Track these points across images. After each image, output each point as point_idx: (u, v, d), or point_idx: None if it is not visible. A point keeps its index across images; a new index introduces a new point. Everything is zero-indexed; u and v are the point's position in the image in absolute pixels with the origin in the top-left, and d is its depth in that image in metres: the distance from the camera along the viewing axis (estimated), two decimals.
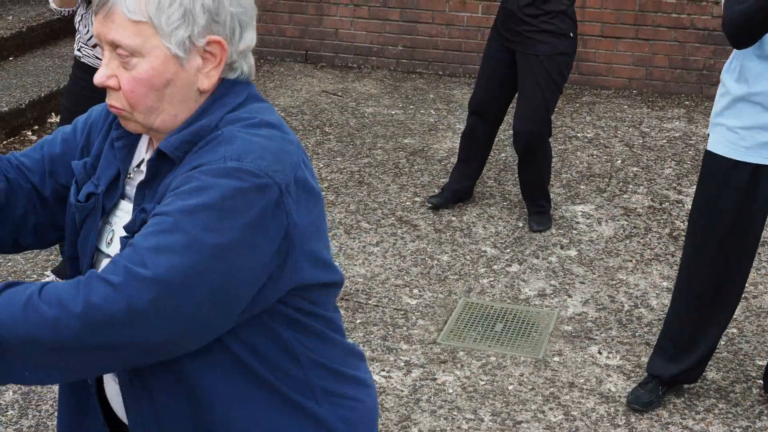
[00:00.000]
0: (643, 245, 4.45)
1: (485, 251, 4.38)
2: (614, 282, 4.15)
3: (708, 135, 3.17)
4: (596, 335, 3.77)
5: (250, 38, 1.53)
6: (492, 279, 4.17)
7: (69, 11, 3.63)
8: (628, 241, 4.48)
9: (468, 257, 4.33)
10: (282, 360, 1.53)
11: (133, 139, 1.60)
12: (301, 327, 1.54)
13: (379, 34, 6.78)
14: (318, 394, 1.57)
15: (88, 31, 3.64)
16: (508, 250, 4.39)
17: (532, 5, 4.31)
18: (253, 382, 1.51)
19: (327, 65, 6.86)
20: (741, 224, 3.10)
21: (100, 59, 3.63)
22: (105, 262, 1.57)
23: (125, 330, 1.33)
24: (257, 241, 1.41)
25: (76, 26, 3.71)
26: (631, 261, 4.32)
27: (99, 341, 1.34)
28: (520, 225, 4.61)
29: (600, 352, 3.66)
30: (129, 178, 1.58)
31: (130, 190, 1.58)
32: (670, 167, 5.26)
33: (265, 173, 1.42)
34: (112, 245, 1.57)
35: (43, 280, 3.95)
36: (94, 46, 3.65)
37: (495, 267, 4.25)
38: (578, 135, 5.67)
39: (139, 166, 1.58)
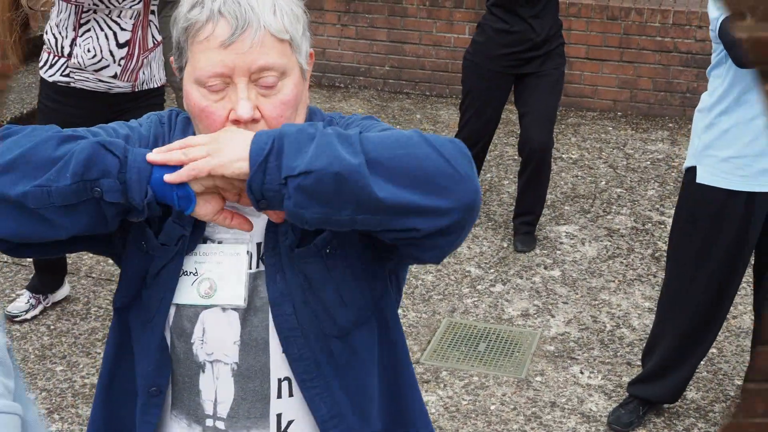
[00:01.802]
0: (626, 266, 4.49)
1: (469, 271, 4.41)
2: (597, 302, 4.18)
3: (687, 169, 3.17)
4: (578, 355, 3.79)
5: None
6: (476, 299, 4.19)
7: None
8: (610, 262, 4.52)
9: (452, 277, 4.36)
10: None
11: None
12: (399, 347, 1.59)
13: (367, 54, 6.83)
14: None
15: (94, 55, 3.41)
16: (492, 271, 4.42)
17: (554, 24, 4.42)
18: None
19: (314, 85, 6.90)
20: (737, 252, 3.12)
21: (104, 81, 3.47)
22: (206, 315, 1.48)
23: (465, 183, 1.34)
24: None
25: (63, 50, 3.44)
26: (613, 281, 4.35)
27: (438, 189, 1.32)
28: (505, 245, 4.64)
29: (582, 372, 3.68)
30: None
31: (211, 231, 1.49)
32: (653, 189, 5.30)
33: None
34: (215, 295, 1.47)
35: (22, 293, 3.96)
36: (99, 69, 3.44)
37: (479, 287, 4.28)
38: (563, 156, 5.72)
39: None
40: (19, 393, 1.32)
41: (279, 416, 1.51)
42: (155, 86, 3.60)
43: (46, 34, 3.54)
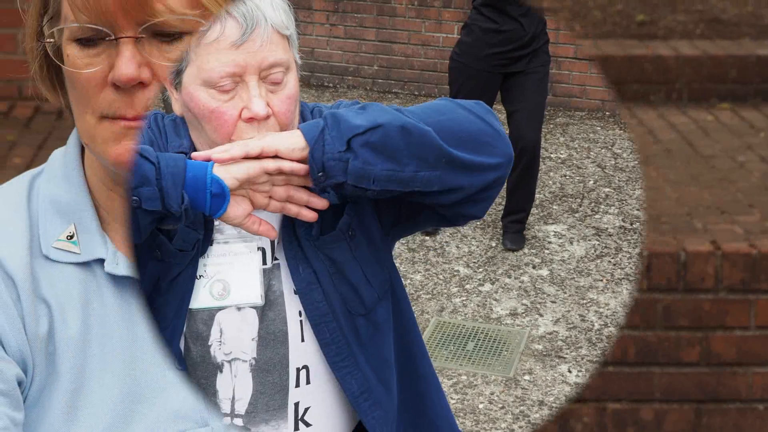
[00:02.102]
0: (614, 265, 4.50)
1: (458, 271, 4.42)
2: (585, 301, 4.19)
3: None
4: (566, 354, 3.81)
5: None
6: (464, 298, 4.20)
7: None
8: (599, 261, 4.53)
9: (441, 277, 4.36)
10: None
11: None
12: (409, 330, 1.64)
13: (356, 53, 6.83)
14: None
15: None
16: (480, 270, 4.43)
17: (540, 22, 4.44)
18: None
19: (303, 84, 6.90)
20: None
21: None
22: (222, 316, 1.46)
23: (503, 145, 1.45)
24: None
25: None
26: (601, 280, 4.37)
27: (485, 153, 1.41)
28: (493, 245, 4.65)
29: (570, 371, 3.70)
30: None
31: (217, 232, 1.46)
32: (641, 188, 5.32)
33: None
34: (229, 296, 1.45)
35: None
36: None
37: (468, 286, 4.29)
38: (552, 156, 5.73)
39: None
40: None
41: (296, 405, 1.52)
42: None
43: None
